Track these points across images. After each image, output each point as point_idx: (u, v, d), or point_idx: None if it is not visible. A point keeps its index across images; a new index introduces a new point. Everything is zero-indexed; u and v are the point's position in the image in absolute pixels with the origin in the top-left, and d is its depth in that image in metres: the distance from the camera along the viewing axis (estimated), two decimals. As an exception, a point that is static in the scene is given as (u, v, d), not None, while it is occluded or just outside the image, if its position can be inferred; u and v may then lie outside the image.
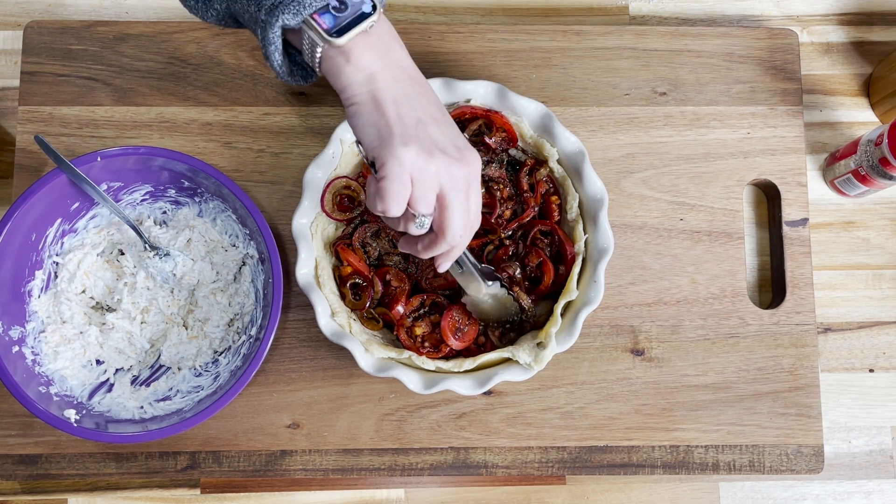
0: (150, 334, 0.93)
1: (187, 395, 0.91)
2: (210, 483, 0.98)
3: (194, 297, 0.94)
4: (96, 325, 0.93)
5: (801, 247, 0.99)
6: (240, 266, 0.95)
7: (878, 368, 1.01)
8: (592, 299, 0.88)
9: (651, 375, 0.96)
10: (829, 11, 1.09)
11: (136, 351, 0.93)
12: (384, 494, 0.99)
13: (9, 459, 0.94)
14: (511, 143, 0.93)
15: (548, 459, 0.95)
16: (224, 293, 0.94)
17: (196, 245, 0.94)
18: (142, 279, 0.93)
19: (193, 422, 0.85)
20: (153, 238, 0.94)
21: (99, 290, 0.94)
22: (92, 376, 0.92)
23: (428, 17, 1.08)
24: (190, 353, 0.93)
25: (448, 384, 0.86)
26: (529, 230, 0.93)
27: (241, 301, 0.94)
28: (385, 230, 0.92)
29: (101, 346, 0.93)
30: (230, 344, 0.94)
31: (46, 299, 0.93)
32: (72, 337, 0.92)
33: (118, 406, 0.91)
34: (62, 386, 0.90)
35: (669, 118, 1.01)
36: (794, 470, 0.95)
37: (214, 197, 0.93)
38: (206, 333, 0.93)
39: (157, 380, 0.93)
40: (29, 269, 0.91)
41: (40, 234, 0.91)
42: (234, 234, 0.95)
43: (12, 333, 0.89)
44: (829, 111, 1.07)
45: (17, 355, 0.88)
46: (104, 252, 0.95)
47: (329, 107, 1.01)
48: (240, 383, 0.85)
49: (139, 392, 0.92)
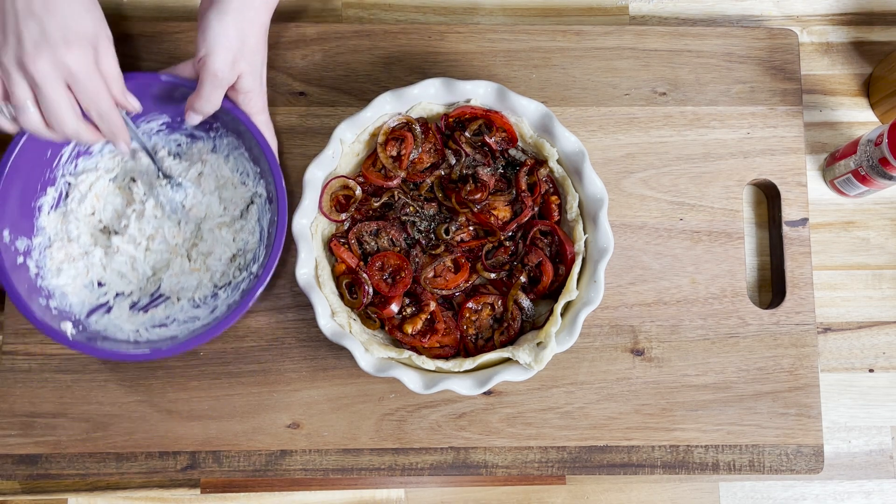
0: (153, 262, 0.95)
1: (183, 324, 0.93)
2: (210, 483, 0.98)
3: (200, 232, 0.95)
4: (102, 247, 0.94)
5: (801, 247, 0.99)
6: (248, 204, 0.96)
7: (878, 368, 1.02)
8: (592, 299, 0.88)
9: (651, 375, 0.96)
10: (829, 11, 1.09)
11: (137, 276, 0.94)
12: (384, 494, 0.99)
13: (9, 459, 0.94)
14: (511, 143, 0.93)
15: (548, 459, 0.95)
16: (229, 228, 0.95)
17: (207, 179, 0.95)
18: (150, 207, 0.94)
19: (187, 346, 0.85)
20: (166, 168, 0.95)
21: (108, 213, 0.95)
22: (92, 297, 0.94)
23: (428, 17, 1.09)
24: (190, 285, 0.94)
25: (448, 384, 0.86)
26: (529, 230, 0.93)
27: (245, 238, 0.95)
28: (385, 229, 0.92)
29: (105, 268, 0.94)
30: (231, 279, 0.95)
31: (55, 217, 0.94)
32: (76, 256, 0.93)
33: (114, 327, 0.92)
34: (62, 302, 0.91)
35: (669, 118, 1.01)
36: (794, 470, 0.95)
37: (229, 133, 0.94)
38: (207, 266, 0.94)
39: (155, 307, 0.94)
40: (41, 185, 0.92)
41: (55, 152, 0.92)
42: (245, 172, 0.96)
43: (18, 244, 0.90)
44: (829, 111, 1.07)
45: (22, 266, 0.90)
46: (116, 178, 0.96)
47: (329, 107, 1.01)
48: (236, 313, 0.86)
49: (136, 317, 0.93)
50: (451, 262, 0.92)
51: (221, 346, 0.96)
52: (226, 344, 0.96)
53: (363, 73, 1.01)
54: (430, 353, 0.89)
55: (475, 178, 0.93)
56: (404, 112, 0.93)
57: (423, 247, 0.93)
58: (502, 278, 0.93)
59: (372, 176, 0.93)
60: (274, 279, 0.97)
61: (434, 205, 0.94)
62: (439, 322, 0.90)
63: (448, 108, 0.94)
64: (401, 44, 1.02)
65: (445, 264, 0.92)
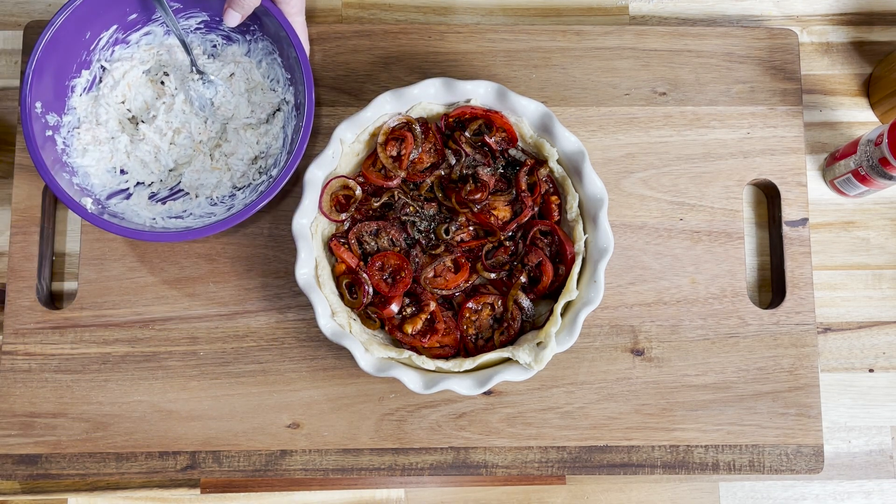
0: (177, 156, 0.97)
1: (199, 218, 0.95)
2: (210, 483, 0.98)
3: (225, 133, 0.98)
4: (128, 134, 0.97)
5: (801, 247, 0.99)
6: (275, 110, 0.98)
7: (878, 368, 1.02)
8: (592, 299, 0.88)
9: (651, 375, 0.96)
10: (829, 11, 1.09)
11: (160, 168, 0.97)
12: (384, 494, 0.99)
13: (9, 459, 0.94)
14: (511, 143, 0.93)
15: (548, 459, 0.95)
16: (254, 130, 0.97)
17: (238, 81, 0.98)
18: (180, 101, 0.96)
19: (201, 233, 0.88)
20: (200, 65, 0.97)
21: (137, 104, 0.98)
22: (114, 182, 0.96)
23: (428, 17, 1.09)
24: (210, 182, 0.96)
25: (448, 384, 0.86)
26: (529, 230, 0.93)
27: (268, 142, 0.97)
28: (385, 229, 0.92)
29: (128, 155, 0.97)
30: (250, 181, 0.97)
31: (87, 99, 0.96)
32: (103, 139, 0.96)
33: (132, 212, 0.94)
34: (84, 181, 0.94)
35: (669, 118, 1.01)
36: (794, 470, 0.95)
37: (265, 38, 0.96)
38: (229, 166, 0.96)
39: (174, 200, 0.97)
40: (77, 66, 0.95)
41: (95, 35, 0.94)
42: (275, 79, 0.98)
43: (49, 119, 0.92)
44: (829, 111, 1.07)
45: (49, 139, 0.92)
46: (150, 71, 0.99)
47: (329, 107, 1.01)
48: (251, 208, 0.88)
49: (154, 207, 0.96)
50: (451, 262, 0.92)
51: (221, 346, 0.96)
52: (226, 344, 0.96)
53: (363, 73, 1.01)
54: (430, 353, 0.89)
55: (475, 178, 0.93)
56: (404, 112, 0.93)
57: (423, 247, 0.93)
58: (502, 278, 0.93)
59: (372, 176, 0.93)
60: (274, 279, 0.97)
61: (434, 205, 0.94)
62: (439, 322, 0.90)
63: (448, 108, 0.94)
64: (401, 44, 1.02)
65: (445, 264, 0.92)
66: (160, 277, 0.98)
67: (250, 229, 0.99)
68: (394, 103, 0.92)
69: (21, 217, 0.98)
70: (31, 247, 0.97)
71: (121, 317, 0.97)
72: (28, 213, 0.98)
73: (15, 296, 0.96)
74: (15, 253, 0.97)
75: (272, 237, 0.99)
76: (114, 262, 0.98)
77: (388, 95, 0.91)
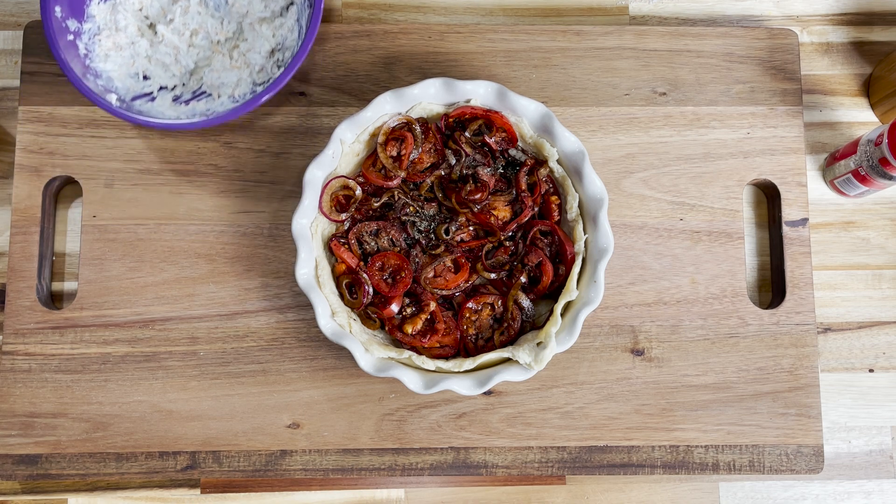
0: (196, 57, 0.99)
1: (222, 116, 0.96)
2: (210, 483, 0.98)
3: (241, 31, 0.99)
4: (147, 38, 0.99)
5: (801, 247, 0.99)
6: (289, 3, 1.00)
7: (878, 368, 1.02)
8: (592, 299, 0.88)
9: (651, 375, 0.97)
10: (829, 11, 1.09)
11: (180, 70, 0.99)
12: (384, 494, 0.99)
13: (9, 459, 0.94)
14: (511, 143, 0.93)
15: (548, 459, 0.95)
16: (269, 24, 0.99)
17: None
18: (195, 3, 0.99)
19: (226, 118, 0.90)
20: None
21: (154, 9, 1.00)
22: (137, 87, 0.98)
23: (428, 17, 1.09)
24: (231, 80, 0.98)
25: (448, 384, 0.86)
26: (529, 230, 0.93)
27: (284, 34, 0.98)
28: (385, 229, 0.92)
29: (149, 59, 0.99)
30: (269, 76, 0.98)
31: (105, 7, 0.98)
32: (123, 45, 0.98)
33: (157, 112, 0.96)
34: (109, 84, 0.96)
35: (669, 118, 1.01)
36: (794, 470, 0.95)
37: None
38: (247, 61, 0.98)
39: (197, 101, 0.99)
40: None
41: None
42: None
43: (69, 24, 0.94)
44: (829, 111, 1.07)
45: (71, 44, 0.94)
46: None
47: (329, 107, 1.01)
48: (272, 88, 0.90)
49: (178, 107, 0.98)
50: (451, 262, 0.92)
51: (221, 346, 0.96)
52: (226, 344, 0.96)
53: (363, 73, 1.01)
54: (430, 353, 0.89)
55: (475, 178, 0.93)
56: (404, 112, 0.93)
57: (423, 247, 0.93)
58: (502, 278, 0.93)
59: (372, 176, 0.93)
60: (274, 279, 0.97)
61: (434, 205, 0.94)
62: (439, 322, 0.90)
63: (448, 108, 0.94)
64: (401, 44, 1.02)
65: (445, 264, 0.92)
66: (160, 277, 0.98)
67: (250, 229, 0.99)
68: (394, 103, 0.92)
69: (21, 217, 0.98)
70: (31, 247, 0.97)
71: (121, 317, 0.97)
72: (28, 213, 0.98)
73: (15, 296, 0.96)
74: (15, 253, 0.97)
75: (272, 237, 0.99)
76: (114, 262, 0.98)
77: (388, 95, 0.91)
